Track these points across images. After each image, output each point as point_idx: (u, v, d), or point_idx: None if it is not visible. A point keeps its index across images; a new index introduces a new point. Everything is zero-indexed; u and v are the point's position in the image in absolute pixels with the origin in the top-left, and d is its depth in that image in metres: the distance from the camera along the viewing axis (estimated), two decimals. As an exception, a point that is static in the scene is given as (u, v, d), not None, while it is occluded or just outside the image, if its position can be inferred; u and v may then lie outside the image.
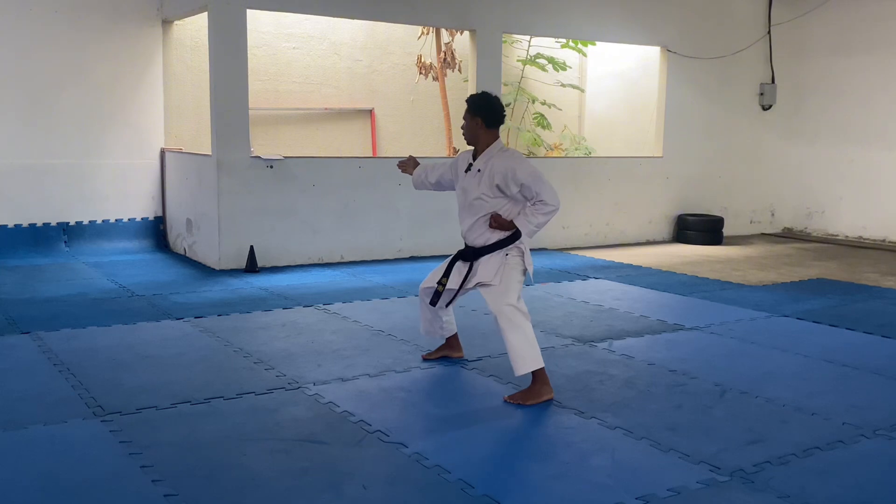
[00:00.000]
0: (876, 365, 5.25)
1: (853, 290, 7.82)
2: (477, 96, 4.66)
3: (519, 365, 4.39)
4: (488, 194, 4.50)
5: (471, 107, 4.60)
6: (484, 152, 4.58)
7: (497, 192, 4.49)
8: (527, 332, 4.41)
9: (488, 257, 4.56)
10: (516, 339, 4.38)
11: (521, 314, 4.44)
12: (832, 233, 11.66)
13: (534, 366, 4.39)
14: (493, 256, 4.55)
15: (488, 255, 4.56)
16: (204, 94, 9.16)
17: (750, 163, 11.95)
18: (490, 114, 4.55)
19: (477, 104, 4.59)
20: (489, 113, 4.55)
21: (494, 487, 3.37)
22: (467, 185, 4.61)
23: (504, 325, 4.40)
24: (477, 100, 4.62)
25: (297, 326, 5.98)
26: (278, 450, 3.73)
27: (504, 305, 4.41)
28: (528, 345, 4.39)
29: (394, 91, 11.17)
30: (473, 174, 4.59)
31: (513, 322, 4.39)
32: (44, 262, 8.48)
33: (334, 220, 8.77)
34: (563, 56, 11.88)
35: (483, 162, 4.56)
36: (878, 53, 10.95)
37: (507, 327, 4.40)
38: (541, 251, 9.89)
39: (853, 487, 3.46)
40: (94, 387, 4.52)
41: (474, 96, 4.67)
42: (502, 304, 4.43)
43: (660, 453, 3.77)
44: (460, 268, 4.69)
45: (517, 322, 4.40)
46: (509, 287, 4.48)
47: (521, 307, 4.46)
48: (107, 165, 9.28)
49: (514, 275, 4.52)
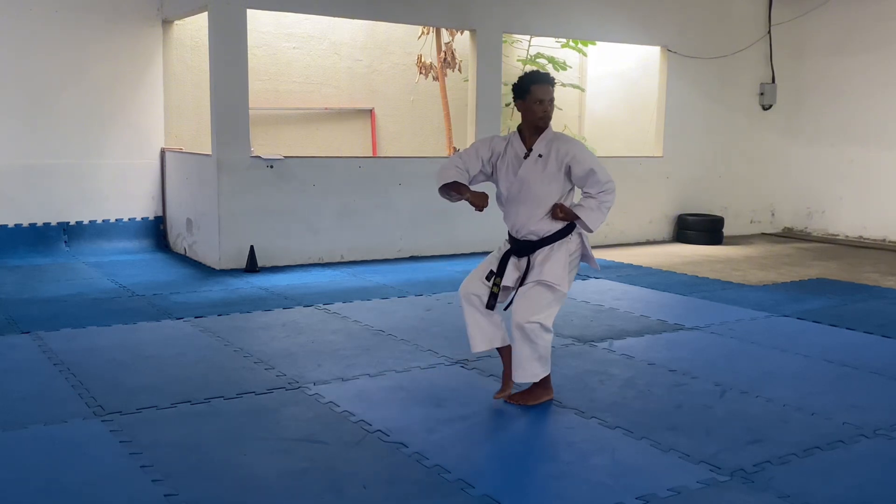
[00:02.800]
0: (876, 365, 5.25)
1: (853, 290, 7.81)
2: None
3: (518, 375, 4.25)
4: (553, 182, 4.17)
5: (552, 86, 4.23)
6: (540, 136, 4.22)
7: (565, 178, 4.18)
8: (539, 348, 4.16)
9: (549, 251, 4.21)
10: (524, 351, 4.17)
11: (542, 329, 4.15)
12: (832, 233, 11.65)
13: (534, 379, 4.25)
14: (556, 251, 4.20)
15: (548, 247, 4.22)
16: (204, 93, 9.15)
17: (750, 163, 11.94)
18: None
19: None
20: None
21: (494, 487, 3.37)
22: (527, 174, 4.20)
23: (519, 336, 4.16)
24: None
25: (297, 326, 5.98)
26: (278, 450, 3.73)
27: (528, 319, 4.11)
28: (537, 360, 4.18)
29: (394, 91, 11.17)
30: (534, 161, 4.20)
31: (528, 336, 4.14)
32: (44, 262, 8.48)
33: (334, 220, 8.77)
34: (564, 56, 11.88)
35: (543, 146, 4.20)
36: (878, 53, 10.95)
37: (520, 340, 4.16)
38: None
39: (853, 487, 3.46)
40: (95, 387, 4.52)
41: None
42: (528, 316, 4.12)
43: (660, 453, 3.77)
44: (518, 265, 4.29)
45: (532, 336, 4.14)
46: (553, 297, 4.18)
47: (547, 324, 4.17)
48: (107, 165, 9.28)
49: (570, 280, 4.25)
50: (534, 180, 4.20)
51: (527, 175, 4.21)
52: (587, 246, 4.33)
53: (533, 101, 4.18)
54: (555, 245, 4.22)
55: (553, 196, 4.19)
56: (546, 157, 4.18)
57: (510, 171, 4.26)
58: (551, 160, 4.17)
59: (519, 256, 4.30)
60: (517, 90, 4.25)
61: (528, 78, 4.24)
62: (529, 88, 4.19)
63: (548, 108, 4.21)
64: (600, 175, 4.14)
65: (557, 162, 4.16)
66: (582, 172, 4.14)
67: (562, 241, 4.23)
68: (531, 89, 4.18)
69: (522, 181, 4.22)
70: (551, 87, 4.21)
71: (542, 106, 4.18)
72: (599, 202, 4.16)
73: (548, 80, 4.22)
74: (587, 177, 4.15)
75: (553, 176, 4.17)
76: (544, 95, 4.18)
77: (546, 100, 4.19)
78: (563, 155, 4.15)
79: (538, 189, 4.19)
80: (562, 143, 4.19)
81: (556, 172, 4.17)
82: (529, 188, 4.21)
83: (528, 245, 4.27)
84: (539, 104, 4.18)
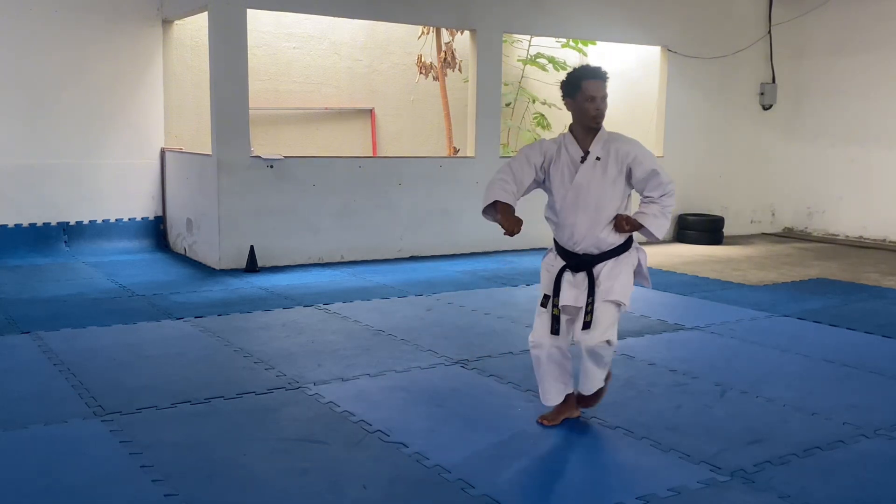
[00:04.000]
0: (876, 365, 5.24)
1: (853, 289, 7.81)
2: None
3: (588, 388, 3.96)
4: (615, 186, 3.81)
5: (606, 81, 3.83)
6: (596, 137, 3.84)
7: (625, 182, 3.82)
8: (606, 361, 3.91)
9: (613, 265, 3.86)
10: (598, 373, 3.90)
11: (611, 347, 3.86)
12: (833, 232, 11.65)
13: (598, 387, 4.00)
14: (621, 265, 3.87)
15: (611, 261, 3.87)
16: (204, 93, 9.15)
17: (750, 162, 11.94)
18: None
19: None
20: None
21: (494, 487, 3.36)
22: (586, 179, 3.81)
23: (594, 359, 3.85)
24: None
25: (297, 326, 5.98)
26: (278, 450, 3.73)
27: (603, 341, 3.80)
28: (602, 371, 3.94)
29: (394, 91, 11.17)
30: (592, 165, 3.81)
31: (602, 359, 3.86)
32: (44, 262, 8.48)
33: (334, 220, 8.77)
34: (564, 56, 11.88)
35: (600, 148, 3.82)
36: (878, 53, 10.95)
37: (595, 362, 3.86)
38: (541, 250, 9.86)
39: (853, 487, 3.46)
40: (95, 386, 4.52)
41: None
42: (603, 338, 3.80)
43: (660, 453, 3.76)
44: (575, 281, 3.89)
45: (603, 355, 3.84)
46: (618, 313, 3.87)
47: (613, 342, 3.86)
48: (107, 165, 9.28)
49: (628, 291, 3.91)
50: (593, 186, 3.80)
51: (585, 181, 3.81)
52: (644, 262, 4.02)
53: (584, 98, 3.78)
54: (620, 258, 3.88)
55: (615, 202, 3.84)
56: (605, 159, 3.80)
57: (565, 178, 3.86)
58: (611, 163, 3.79)
59: (575, 272, 3.90)
60: (566, 87, 3.86)
61: (579, 73, 3.83)
62: (580, 85, 3.78)
63: (601, 106, 3.79)
64: (663, 176, 3.79)
65: (618, 164, 3.79)
66: (643, 174, 3.78)
67: (627, 254, 3.91)
68: (582, 86, 3.78)
69: (580, 188, 3.82)
70: (604, 82, 3.79)
71: (594, 104, 3.78)
72: (662, 207, 3.81)
73: (600, 74, 3.81)
74: (649, 178, 3.79)
75: (614, 180, 3.80)
76: (596, 92, 3.77)
77: (598, 97, 3.78)
78: (623, 156, 3.79)
79: (598, 196, 3.81)
80: (621, 144, 3.82)
81: (616, 176, 3.80)
82: (588, 195, 3.81)
83: (587, 259, 3.87)
84: (591, 102, 3.77)
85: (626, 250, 3.91)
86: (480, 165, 9.54)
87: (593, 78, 3.78)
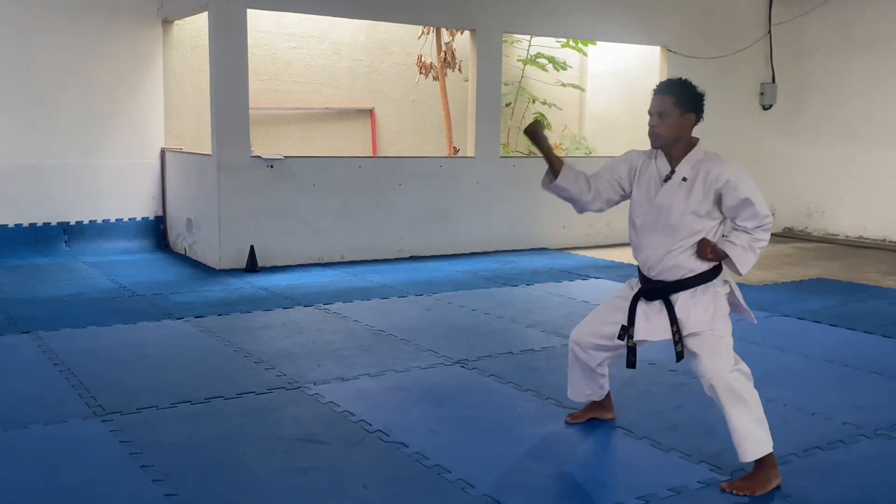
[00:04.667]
0: (876, 365, 5.24)
1: (854, 289, 7.81)
2: (687, 84, 3.51)
3: (746, 449, 3.39)
4: (699, 211, 3.44)
5: (680, 98, 3.45)
6: (687, 156, 3.51)
7: (714, 207, 3.45)
8: (753, 406, 3.40)
9: (691, 295, 3.49)
10: (742, 416, 3.38)
11: (745, 378, 3.45)
12: (833, 232, 11.65)
13: (764, 450, 3.39)
14: (700, 295, 3.49)
15: (689, 291, 3.50)
16: (204, 93, 9.15)
17: (750, 162, 11.90)
18: (702, 110, 3.52)
19: (691, 96, 3.47)
20: (701, 109, 3.52)
21: (494, 487, 3.36)
22: (667, 200, 3.48)
23: (725, 398, 3.39)
24: (690, 89, 3.49)
25: (297, 326, 5.98)
26: (278, 450, 3.73)
27: (725, 372, 3.39)
28: (757, 423, 3.39)
29: (394, 91, 11.17)
30: (676, 184, 3.48)
31: (737, 393, 3.38)
32: (44, 262, 8.48)
33: (334, 220, 8.78)
34: (564, 55, 11.88)
35: (689, 168, 3.48)
36: (879, 52, 10.94)
37: (728, 401, 3.39)
38: (541, 251, 9.89)
39: (853, 487, 3.46)
40: (95, 386, 4.52)
41: (683, 83, 3.51)
42: (722, 369, 3.40)
43: (660, 453, 3.77)
44: (648, 311, 3.59)
45: (741, 392, 3.39)
46: (725, 342, 3.46)
47: (743, 369, 3.46)
48: (107, 165, 9.28)
49: (726, 324, 3.50)
50: (675, 209, 3.47)
51: (666, 201, 3.49)
52: (738, 294, 3.60)
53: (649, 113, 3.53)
54: (697, 290, 3.50)
55: (696, 228, 3.46)
56: (692, 180, 3.46)
57: (649, 194, 3.57)
58: (697, 184, 3.44)
59: (648, 300, 3.60)
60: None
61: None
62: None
63: (655, 123, 3.49)
64: (759, 207, 3.38)
65: (705, 188, 3.43)
66: (734, 202, 3.39)
67: (706, 286, 3.50)
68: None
69: (661, 208, 3.50)
70: (667, 97, 3.46)
71: (650, 120, 3.52)
72: (753, 239, 3.41)
73: (660, 88, 3.53)
74: (741, 207, 3.39)
75: (699, 204, 3.44)
76: (652, 108, 3.50)
77: (654, 112, 3.48)
78: (712, 179, 3.41)
79: (679, 219, 3.46)
80: (713, 165, 3.45)
81: (701, 200, 3.44)
82: (669, 217, 3.48)
83: (659, 287, 3.57)
84: (649, 118, 3.52)
85: (709, 281, 3.51)
86: (480, 165, 9.55)
87: (655, 92, 3.53)
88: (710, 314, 3.46)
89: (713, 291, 3.50)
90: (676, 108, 3.45)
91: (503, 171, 9.75)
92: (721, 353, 3.43)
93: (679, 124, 3.47)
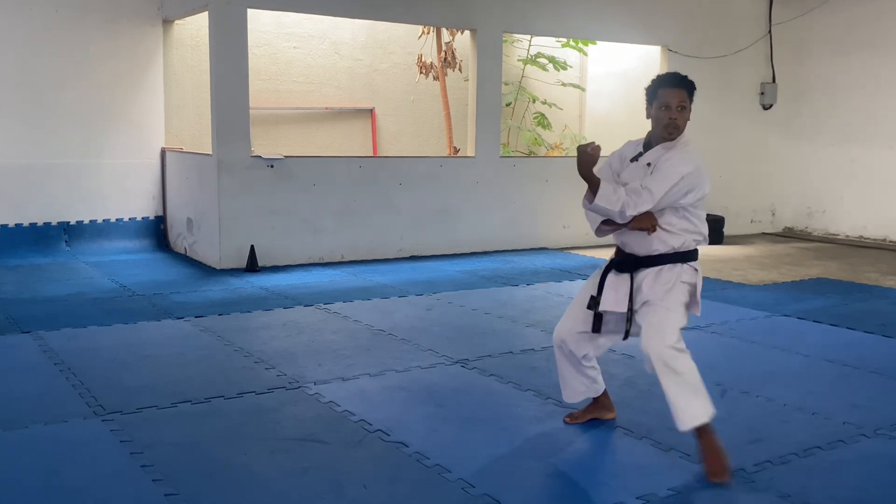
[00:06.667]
0: (876, 365, 5.24)
1: (854, 289, 7.81)
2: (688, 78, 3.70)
3: (681, 419, 3.53)
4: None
5: (690, 92, 3.66)
6: (662, 145, 3.68)
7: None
8: (689, 377, 3.52)
9: (657, 272, 3.67)
10: (675, 386, 3.52)
11: (682, 355, 3.55)
12: (833, 232, 11.65)
13: (700, 419, 3.51)
14: (666, 272, 3.66)
15: (655, 268, 3.68)
16: (204, 93, 9.16)
17: (751, 162, 11.94)
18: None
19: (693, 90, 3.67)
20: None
21: (494, 487, 3.36)
22: (629, 178, 3.68)
23: (659, 369, 3.53)
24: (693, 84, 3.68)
25: (297, 326, 5.98)
26: (278, 450, 3.73)
27: (663, 347, 3.52)
28: (692, 392, 3.52)
29: (394, 91, 11.17)
30: (640, 166, 3.67)
31: (669, 366, 3.52)
32: (44, 262, 8.48)
33: (335, 220, 8.78)
34: (564, 55, 11.87)
35: (656, 155, 3.66)
36: (879, 52, 10.94)
37: (662, 372, 3.53)
38: (541, 251, 9.89)
39: (854, 487, 3.46)
40: (95, 386, 4.52)
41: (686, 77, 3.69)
42: (660, 343, 3.53)
43: (660, 453, 3.77)
44: (616, 283, 3.75)
45: (675, 366, 3.52)
46: (672, 319, 3.61)
47: (680, 346, 3.56)
48: (107, 165, 9.28)
49: (679, 306, 3.65)
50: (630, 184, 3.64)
51: (628, 179, 3.68)
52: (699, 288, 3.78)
53: (659, 105, 3.62)
54: (664, 268, 3.67)
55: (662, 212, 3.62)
56: (654, 165, 3.63)
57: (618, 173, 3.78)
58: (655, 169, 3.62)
59: (619, 271, 3.77)
60: (648, 93, 3.72)
61: (658, 80, 3.70)
62: (657, 92, 3.64)
63: (676, 115, 3.60)
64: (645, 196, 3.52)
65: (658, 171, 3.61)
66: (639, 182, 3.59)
67: (672, 267, 3.67)
68: (658, 93, 3.64)
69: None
70: (683, 90, 3.60)
71: (667, 112, 3.60)
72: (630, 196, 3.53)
73: (675, 81, 3.63)
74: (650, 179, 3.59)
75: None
76: (671, 100, 3.59)
77: (673, 105, 3.59)
78: (662, 161, 3.60)
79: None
80: (673, 153, 3.61)
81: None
82: None
83: (631, 260, 3.74)
84: (665, 110, 3.60)
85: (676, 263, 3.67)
86: (480, 165, 9.55)
87: (669, 85, 3.63)
88: (665, 289, 3.64)
89: (678, 273, 3.68)
90: (689, 101, 3.65)
91: (503, 171, 9.75)
92: (665, 329, 3.57)
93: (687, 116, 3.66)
